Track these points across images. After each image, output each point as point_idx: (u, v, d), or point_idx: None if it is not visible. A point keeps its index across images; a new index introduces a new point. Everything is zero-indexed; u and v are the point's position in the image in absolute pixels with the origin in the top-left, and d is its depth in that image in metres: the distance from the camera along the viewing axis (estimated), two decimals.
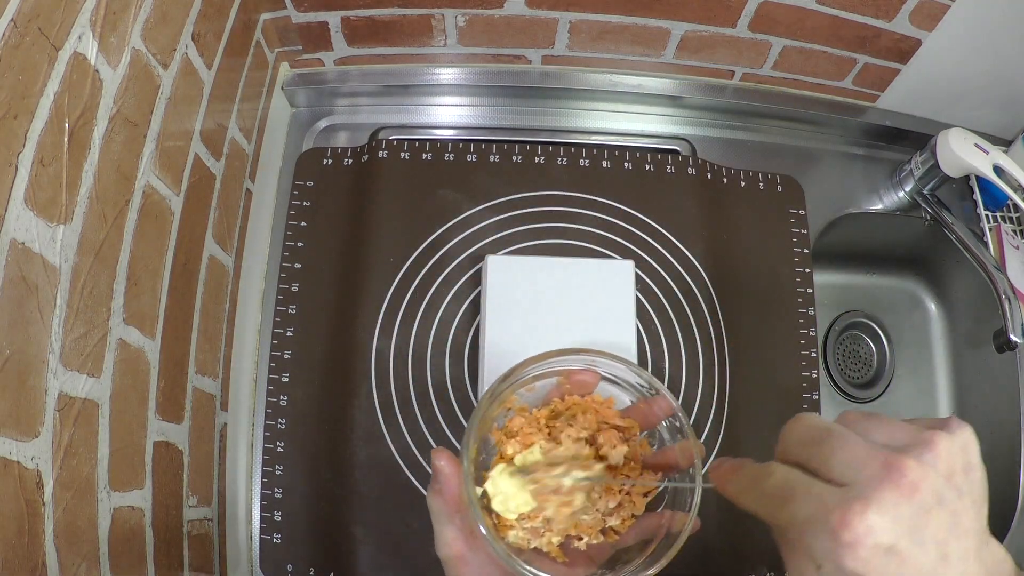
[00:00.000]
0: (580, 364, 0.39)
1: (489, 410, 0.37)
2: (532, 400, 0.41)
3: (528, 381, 0.40)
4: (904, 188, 0.76)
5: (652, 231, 0.68)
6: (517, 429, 0.38)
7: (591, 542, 0.37)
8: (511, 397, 0.39)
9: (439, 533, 0.36)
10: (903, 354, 0.86)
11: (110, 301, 0.42)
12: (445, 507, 0.36)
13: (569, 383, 0.40)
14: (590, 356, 0.39)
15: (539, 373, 0.39)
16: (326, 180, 0.69)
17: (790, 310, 0.69)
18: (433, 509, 0.37)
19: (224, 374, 0.61)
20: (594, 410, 0.39)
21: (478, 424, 0.36)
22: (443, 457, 0.36)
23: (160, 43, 0.46)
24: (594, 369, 0.39)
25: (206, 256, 0.56)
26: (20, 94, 0.33)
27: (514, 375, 0.38)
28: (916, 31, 0.66)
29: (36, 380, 0.35)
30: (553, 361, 0.38)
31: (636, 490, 0.38)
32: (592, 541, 0.37)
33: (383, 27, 0.68)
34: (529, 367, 0.38)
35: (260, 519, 0.60)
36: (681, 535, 0.34)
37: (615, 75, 0.74)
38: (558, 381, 0.40)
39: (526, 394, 0.40)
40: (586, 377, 0.40)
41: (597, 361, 0.39)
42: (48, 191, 0.35)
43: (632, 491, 0.38)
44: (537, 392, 0.41)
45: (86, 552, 0.39)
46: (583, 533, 0.37)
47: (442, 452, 0.36)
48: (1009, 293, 0.66)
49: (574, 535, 0.37)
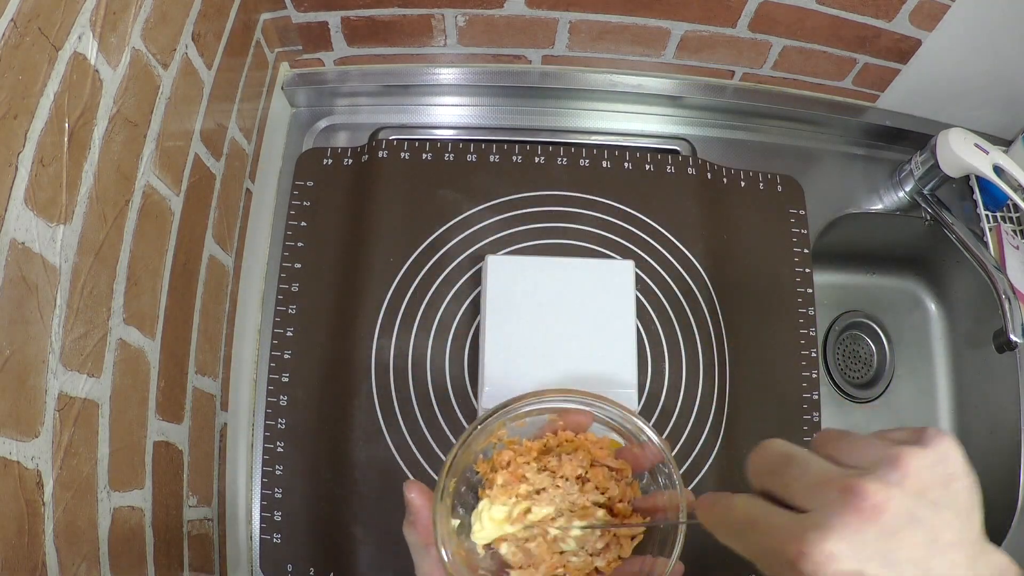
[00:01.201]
0: (576, 405, 0.40)
1: (476, 441, 0.38)
2: (521, 435, 0.41)
3: (521, 416, 0.40)
4: (904, 188, 0.76)
5: (652, 231, 0.68)
6: (507, 461, 0.38)
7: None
8: (500, 430, 0.40)
9: (417, 565, 0.37)
10: (903, 354, 0.86)
11: (110, 301, 0.42)
12: (420, 539, 0.37)
13: (563, 420, 0.40)
14: (586, 398, 0.39)
15: (532, 409, 0.40)
16: (326, 180, 0.69)
17: (790, 310, 0.69)
18: (409, 541, 0.37)
19: (224, 374, 0.61)
20: (587, 449, 0.40)
21: (460, 454, 0.37)
22: (414, 490, 0.37)
23: (160, 43, 0.46)
24: (589, 411, 0.40)
25: (206, 256, 0.56)
26: (20, 94, 0.33)
27: (507, 409, 0.38)
28: (916, 31, 0.66)
29: (36, 380, 0.35)
30: (548, 400, 0.39)
31: (623, 533, 0.38)
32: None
33: (383, 27, 0.68)
34: (523, 403, 0.38)
35: (260, 519, 0.60)
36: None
37: (615, 75, 0.74)
38: (551, 418, 0.40)
39: (516, 428, 0.40)
40: (580, 418, 0.40)
41: (593, 403, 0.39)
42: (48, 191, 0.35)
43: (619, 533, 0.38)
44: (527, 427, 0.41)
45: (86, 552, 0.39)
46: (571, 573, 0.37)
47: (413, 485, 0.37)
48: (1009, 293, 0.66)
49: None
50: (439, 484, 0.36)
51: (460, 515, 0.38)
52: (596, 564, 0.37)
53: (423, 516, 0.36)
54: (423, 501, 0.37)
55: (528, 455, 0.39)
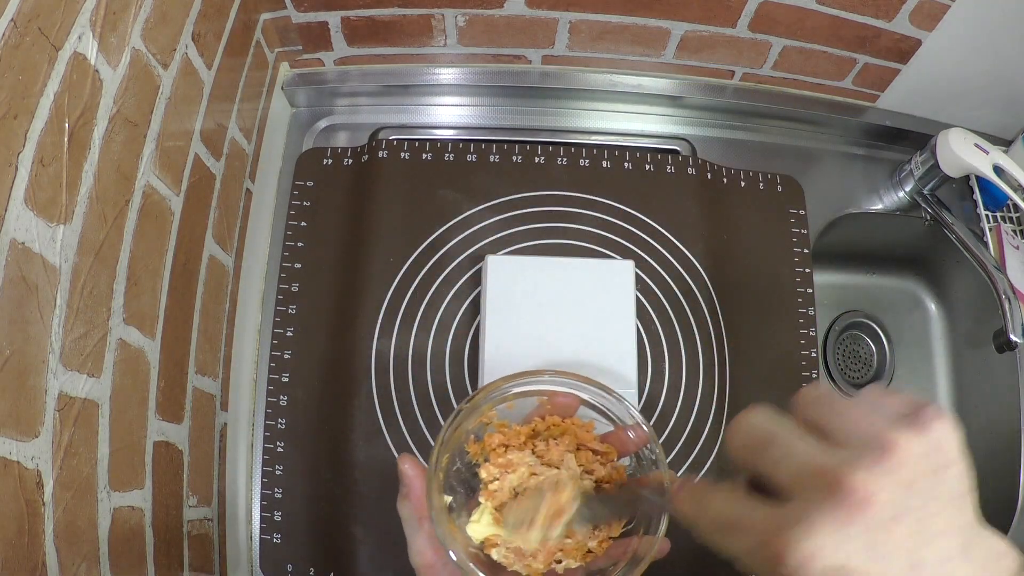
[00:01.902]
0: (563, 387, 0.40)
1: (465, 421, 0.38)
2: (510, 417, 0.41)
3: (510, 398, 0.40)
4: (904, 188, 0.76)
5: (652, 231, 0.68)
6: (496, 445, 0.39)
7: (569, 565, 0.37)
8: (490, 412, 0.40)
9: (410, 541, 0.37)
10: (903, 354, 0.86)
11: (110, 301, 0.42)
12: (413, 513, 0.36)
13: (551, 404, 0.40)
14: (573, 380, 0.39)
15: (521, 391, 0.40)
16: (326, 180, 0.69)
17: (790, 310, 0.69)
18: (403, 515, 0.37)
19: (224, 374, 0.61)
20: (573, 432, 0.40)
21: (451, 433, 0.37)
22: (407, 462, 0.37)
23: (160, 43, 0.46)
24: (576, 394, 0.40)
25: (206, 256, 0.56)
26: (20, 94, 0.33)
27: (495, 389, 0.38)
28: (916, 31, 0.66)
29: (36, 380, 0.35)
30: (534, 380, 0.39)
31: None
32: (571, 565, 0.37)
33: (383, 27, 0.68)
34: (512, 383, 0.38)
35: (260, 519, 0.60)
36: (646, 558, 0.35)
37: (615, 75, 0.74)
38: (540, 401, 0.41)
39: (505, 411, 0.41)
40: (568, 400, 0.40)
41: (579, 386, 0.40)
42: (48, 191, 0.35)
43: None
44: (517, 410, 0.41)
45: (86, 552, 0.39)
46: (567, 556, 0.37)
47: (406, 457, 0.37)
48: (1009, 293, 0.66)
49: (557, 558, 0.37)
50: (432, 459, 0.36)
51: (455, 490, 0.38)
52: (589, 544, 0.38)
53: (416, 488, 0.36)
54: (416, 472, 0.37)
55: (517, 439, 0.39)
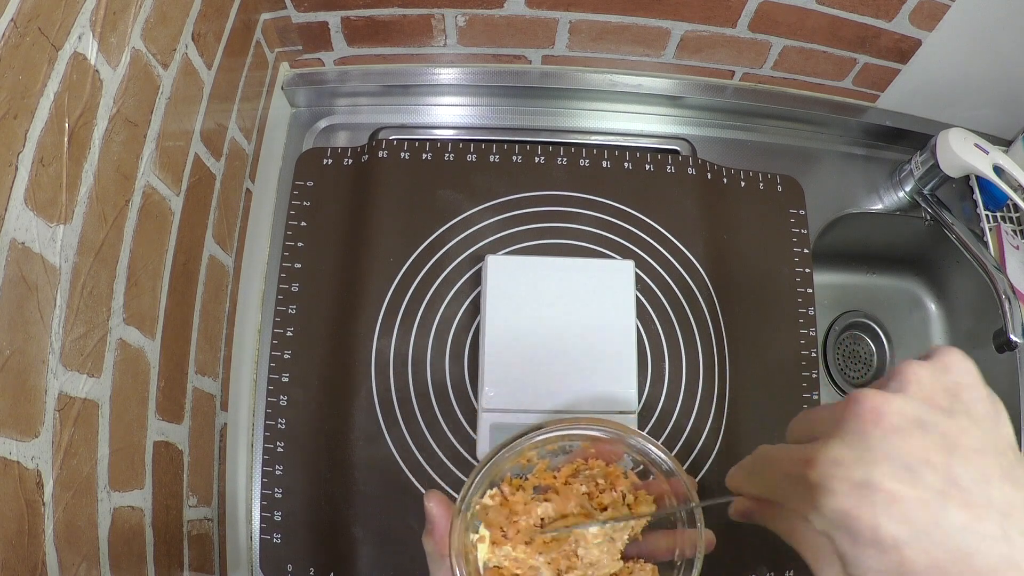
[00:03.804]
0: (609, 435, 0.40)
1: (504, 461, 0.38)
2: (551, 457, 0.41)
3: (553, 441, 0.39)
4: (904, 188, 0.76)
5: (652, 231, 0.68)
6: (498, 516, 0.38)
7: None
8: (530, 452, 0.40)
9: (433, 574, 0.37)
10: (903, 354, 0.86)
11: (110, 301, 0.42)
12: (436, 548, 0.37)
13: (595, 448, 0.40)
14: (619, 430, 0.39)
15: (565, 435, 0.39)
16: (326, 180, 0.69)
17: (790, 310, 0.69)
18: (427, 550, 0.38)
19: (224, 374, 0.61)
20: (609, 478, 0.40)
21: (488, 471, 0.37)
22: (433, 499, 0.37)
23: (160, 43, 0.46)
24: (623, 440, 0.40)
25: (206, 256, 0.56)
26: (20, 94, 0.33)
27: (540, 432, 0.38)
28: (916, 31, 0.66)
29: (36, 380, 0.35)
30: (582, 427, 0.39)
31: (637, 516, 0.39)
32: None
33: (383, 27, 0.68)
34: (556, 428, 0.38)
35: (260, 519, 0.60)
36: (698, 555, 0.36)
37: (615, 75, 0.74)
38: (583, 444, 0.40)
39: (546, 452, 0.40)
40: (615, 447, 0.40)
41: (626, 436, 0.39)
42: (48, 191, 0.35)
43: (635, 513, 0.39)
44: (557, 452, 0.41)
45: (86, 552, 0.39)
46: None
47: (433, 495, 0.37)
48: (1009, 293, 0.66)
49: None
50: (460, 499, 0.36)
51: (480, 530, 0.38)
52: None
53: (440, 527, 0.37)
54: (441, 511, 0.37)
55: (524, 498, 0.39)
